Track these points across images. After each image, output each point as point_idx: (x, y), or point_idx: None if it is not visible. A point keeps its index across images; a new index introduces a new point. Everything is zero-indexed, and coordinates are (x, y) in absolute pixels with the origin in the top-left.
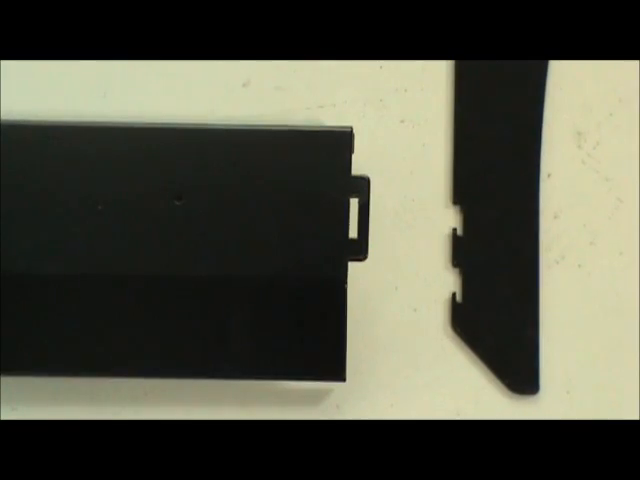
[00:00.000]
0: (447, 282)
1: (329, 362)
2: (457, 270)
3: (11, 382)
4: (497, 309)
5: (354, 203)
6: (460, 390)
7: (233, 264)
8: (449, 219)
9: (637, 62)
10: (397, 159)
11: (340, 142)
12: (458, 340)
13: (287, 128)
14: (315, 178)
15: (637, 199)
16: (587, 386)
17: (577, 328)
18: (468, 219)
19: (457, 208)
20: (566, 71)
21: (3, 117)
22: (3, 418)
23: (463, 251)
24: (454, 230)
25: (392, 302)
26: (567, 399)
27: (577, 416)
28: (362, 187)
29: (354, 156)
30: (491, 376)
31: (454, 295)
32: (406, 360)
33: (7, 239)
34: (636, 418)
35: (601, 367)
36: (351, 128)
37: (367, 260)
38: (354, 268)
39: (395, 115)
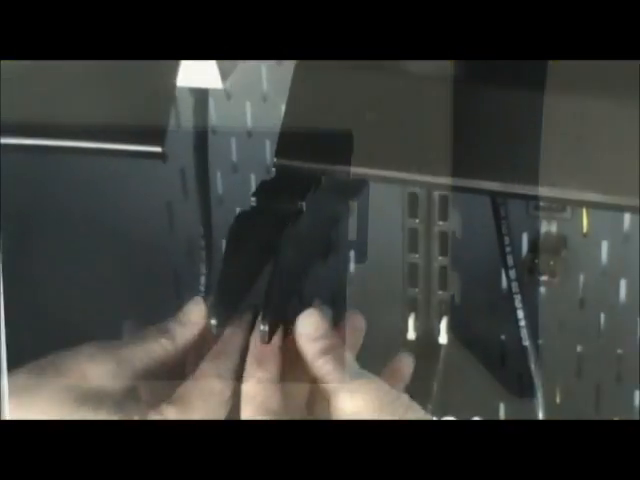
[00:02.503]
0: (446, 285)
1: None
2: (456, 273)
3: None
4: (496, 311)
5: (353, 206)
6: (458, 393)
7: None
8: (448, 222)
9: (637, 63)
10: (396, 161)
11: (339, 144)
12: (457, 342)
13: (286, 130)
14: (314, 180)
15: (636, 201)
16: (587, 387)
17: (576, 330)
18: (467, 221)
19: (456, 210)
20: (565, 73)
21: (3, 117)
22: (3, 418)
23: (462, 253)
24: (453, 233)
25: (391, 304)
26: (566, 401)
27: (576, 417)
28: (361, 190)
29: (353, 158)
30: (490, 379)
31: (453, 297)
32: None
33: (7, 240)
34: (636, 418)
35: (601, 368)
36: (350, 130)
37: (366, 262)
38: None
39: (394, 117)
